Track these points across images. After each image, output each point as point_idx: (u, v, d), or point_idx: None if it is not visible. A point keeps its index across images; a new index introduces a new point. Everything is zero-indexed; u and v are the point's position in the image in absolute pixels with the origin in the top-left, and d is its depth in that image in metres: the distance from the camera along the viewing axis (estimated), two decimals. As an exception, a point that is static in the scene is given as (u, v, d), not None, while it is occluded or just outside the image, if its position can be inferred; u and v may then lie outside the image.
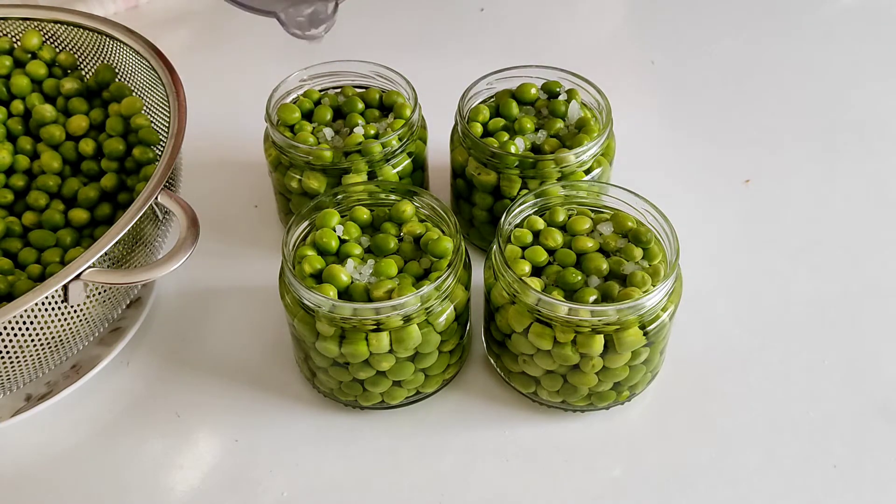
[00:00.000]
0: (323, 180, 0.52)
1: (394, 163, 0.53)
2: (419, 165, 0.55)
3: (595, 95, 0.54)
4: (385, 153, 0.52)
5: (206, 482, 0.47)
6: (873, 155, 0.65)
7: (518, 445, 0.48)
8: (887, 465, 0.46)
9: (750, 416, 0.49)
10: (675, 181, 0.63)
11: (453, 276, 0.45)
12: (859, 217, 0.60)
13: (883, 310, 0.54)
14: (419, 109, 0.55)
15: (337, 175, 0.52)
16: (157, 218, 0.48)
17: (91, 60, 0.58)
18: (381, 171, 0.53)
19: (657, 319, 0.44)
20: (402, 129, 0.52)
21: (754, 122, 0.68)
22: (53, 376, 0.50)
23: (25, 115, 0.57)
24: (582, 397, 0.47)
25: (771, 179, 0.63)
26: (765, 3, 0.81)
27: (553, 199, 0.49)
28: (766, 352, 0.52)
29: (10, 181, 0.55)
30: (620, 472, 0.47)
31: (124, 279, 0.43)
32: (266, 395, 0.50)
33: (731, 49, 0.75)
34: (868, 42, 0.76)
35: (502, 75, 0.56)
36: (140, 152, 0.54)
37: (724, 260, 0.57)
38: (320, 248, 0.46)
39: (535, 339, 0.44)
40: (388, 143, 0.52)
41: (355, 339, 0.44)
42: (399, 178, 0.54)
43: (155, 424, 0.49)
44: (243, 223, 0.61)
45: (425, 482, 0.46)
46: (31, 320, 0.42)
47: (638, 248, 0.46)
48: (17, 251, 0.52)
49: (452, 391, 0.50)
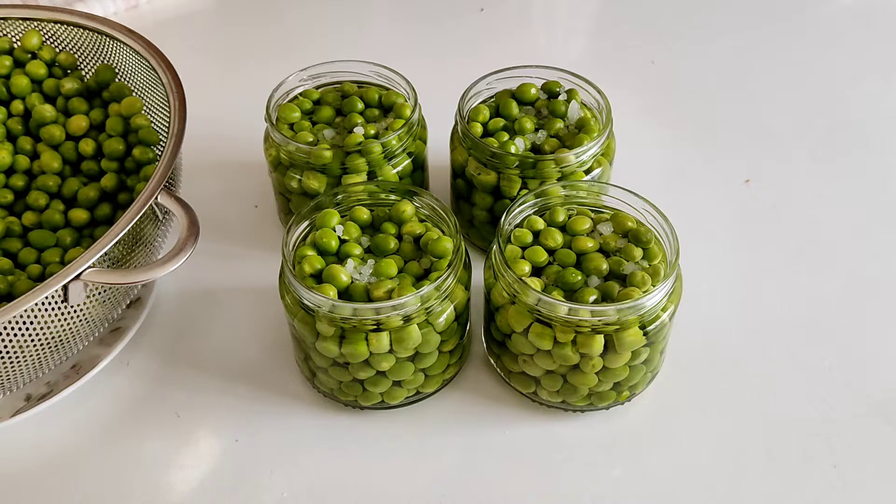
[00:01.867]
0: (323, 180, 0.52)
1: (394, 163, 0.53)
2: (419, 165, 0.55)
3: (595, 95, 0.54)
4: (385, 153, 0.52)
5: (206, 482, 0.47)
6: (873, 155, 0.65)
7: (518, 445, 0.48)
8: (887, 465, 0.46)
9: (750, 416, 0.49)
10: (675, 181, 0.63)
11: (453, 276, 0.45)
12: (859, 217, 0.60)
13: (883, 310, 0.54)
14: (419, 109, 0.55)
15: (337, 175, 0.52)
16: (157, 218, 0.48)
17: (91, 60, 0.58)
18: (381, 171, 0.53)
19: (657, 319, 0.44)
20: (401, 130, 0.52)
21: (754, 122, 0.68)
22: (53, 376, 0.50)
23: (25, 115, 0.57)
24: (582, 397, 0.47)
25: (771, 179, 0.63)
26: (765, 3, 0.81)
27: (553, 199, 0.49)
28: (766, 352, 0.52)
29: (10, 181, 0.55)
30: (620, 472, 0.47)
31: (124, 279, 0.43)
32: (266, 395, 0.50)
33: (731, 49, 0.75)
34: (868, 42, 0.76)
35: (502, 75, 0.56)
36: (140, 152, 0.54)
37: (724, 260, 0.57)
38: (320, 248, 0.46)
39: (535, 339, 0.44)
40: (388, 144, 0.52)
41: (355, 339, 0.44)
42: (399, 178, 0.54)
43: (155, 424, 0.49)
44: (243, 223, 0.61)
45: (425, 482, 0.46)
46: (31, 320, 0.42)
47: (638, 248, 0.46)
48: (17, 251, 0.52)
49: (452, 391, 0.50)
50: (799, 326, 0.53)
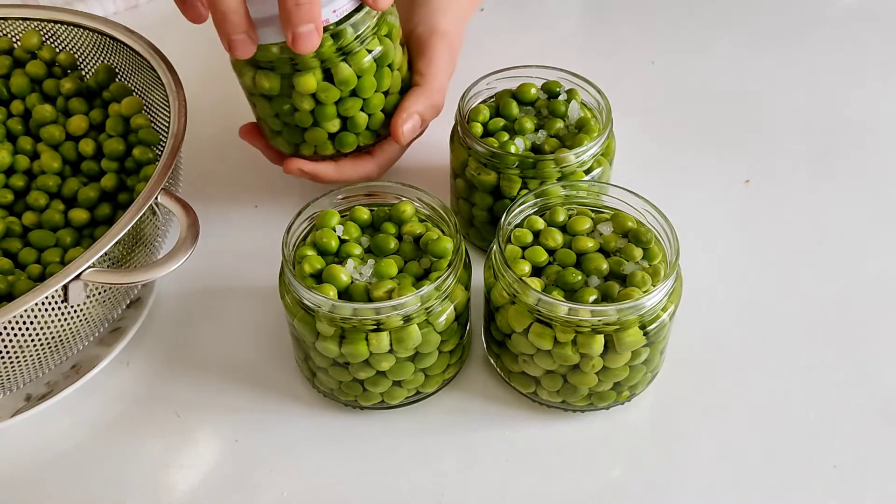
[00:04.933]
0: (275, 80, 0.50)
1: (350, 58, 0.50)
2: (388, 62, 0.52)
3: (595, 95, 0.54)
4: (340, 44, 0.49)
5: (206, 482, 0.47)
6: (873, 155, 0.65)
7: (518, 445, 0.48)
8: (887, 465, 0.46)
9: (750, 417, 0.49)
10: (675, 181, 0.63)
11: (453, 276, 0.45)
12: (859, 217, 0.60)
13: (883, 310, 0.54)
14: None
15: (288, 73, 0.50)
16: (157, 218, 0.48)
17: (91, 60, 0.58)
18: (336, 68, 0.50)
19: (657, 319, 0.44)
20: (362, 14, 0.49)
21: (754, 122, 0.68)
22: (53, 376, 0.50)
23: (25, 115, 0.57)
24: (582, 397, 0.47)
25: (771, 179, 0.63)
26: (764, 3, 0.81)
27: (553, 199, 0.49)
28: (766, 352, 0.52)
29: (10, 181, 0.55)
30: (620, 472, 0.47)
31: (124, 279, 0.43)
32: (266, 395, 0.50)
33: (731, 49, 0.75)
34: (868, 42, 0.76)
35: (502, 75, 0.56)
36: (140, 152, 0.54)
37: (724, 260, 0.57)
38: (320, 248, 0.46)
39: (535, 339, 0.44)
40: (343, 33, 0.49)
41: (355, 339, 0.44)
42: (357, 76, 0.51)
43: (155, 424, 0.49)
44: (243, 223, 0.61)
45: (425, 482, 0.46)
46: (31, 320, 0.42)
47: (638, 248, 0.46)
48: (17, 251, 0.52)
49: (452, 391, 0.50)
50: (799, 326, 0.53)
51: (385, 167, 0.57)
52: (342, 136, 0.53)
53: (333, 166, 0.55)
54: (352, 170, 0.55)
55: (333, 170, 0.55)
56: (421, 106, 0.54)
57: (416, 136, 0.56)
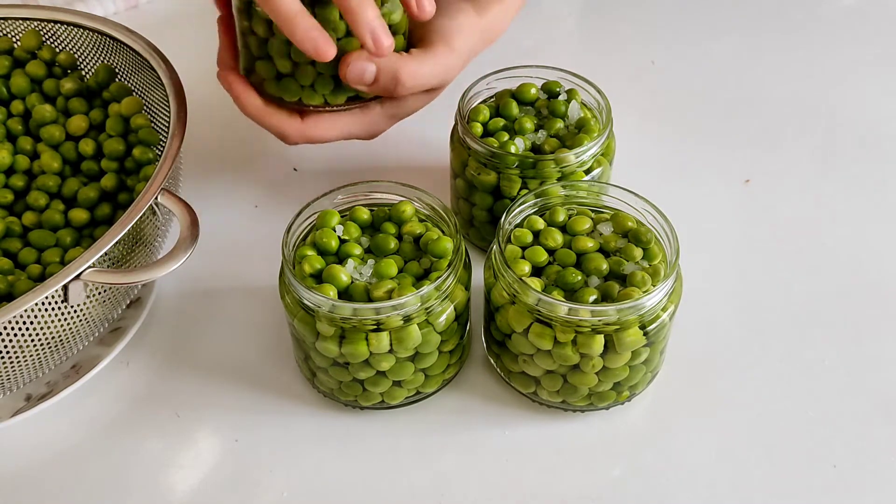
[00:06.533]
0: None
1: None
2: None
3: (595, 95, 0.54)
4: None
5: (206, 482, 0.47)
6: (873, 155, 0.65)
7: (518, 445, 0.48)
8: (887, 465, 0.46)
9: (750, 417, 0.49)
10: (675, 181, 0.63)
11: (453, 276, 0.45)
12: (859, 217, 0.60)
13: (883, 310, 0.54)
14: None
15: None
16: (157, 218, 0.48)
17: (91, 60, 0.58)
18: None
19: (657, 319, 0.44)
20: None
21: (754, 122, 0.68)
22: (53, 376, 0.50)
23: (25, 115, 0.57)
24: (582, 397, 0.47)
25: (771, 179, 0.63)
26: (764, 3, 0.81)
27: (553, 199, 0.49)
28: (766, 352, 0.52)
29: (10, 181, 0.55)
30: (620, 472, 0.47)
31: (124, 279, 0.43)
32: (266, 395, 0.50)
33: (731, 49, 0.75)
34: (868, 42, 0.76)
35: (502, 75, 0.56)
36: (140, 152, 0.54)
37: (724, 260, 0.57)
38: (320, 248, 0.46)
39: (535, 339, 0.44)
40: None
41: (355, 339, 0.44)
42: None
43: (155, 424, 0.49)
44: (243, 223, 0.61)
45: (425, 482, 0.46)
46: (31, 320, 0.42)
47: (638, 248, 0.46)
48: (17, 251, 0.52)
49: (452, 391, 0.50)
50: (799, 326, 0.53)
51: (372, 130, 0.55)
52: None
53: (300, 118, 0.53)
54: (327, 125, 0.53)
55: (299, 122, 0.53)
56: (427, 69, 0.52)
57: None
